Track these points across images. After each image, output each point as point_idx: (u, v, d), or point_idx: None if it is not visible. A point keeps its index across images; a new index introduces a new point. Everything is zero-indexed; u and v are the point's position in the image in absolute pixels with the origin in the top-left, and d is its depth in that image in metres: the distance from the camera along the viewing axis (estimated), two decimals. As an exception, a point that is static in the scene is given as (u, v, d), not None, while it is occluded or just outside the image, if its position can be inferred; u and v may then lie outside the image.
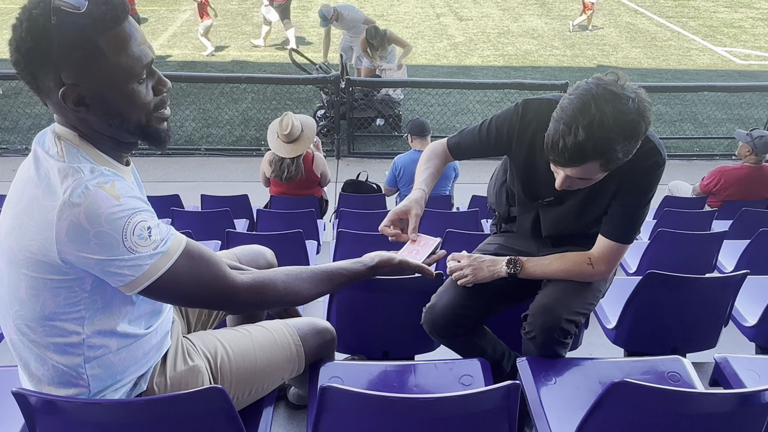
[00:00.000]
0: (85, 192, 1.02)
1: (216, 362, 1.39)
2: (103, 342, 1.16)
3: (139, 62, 1.08)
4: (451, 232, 2.79)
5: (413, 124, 4.46)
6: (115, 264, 1.05)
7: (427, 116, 7.26)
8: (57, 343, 1.13)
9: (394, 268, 1.48)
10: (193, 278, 1.15)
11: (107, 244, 1.02)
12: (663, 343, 1.98)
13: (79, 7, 1.02)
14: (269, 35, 10.38)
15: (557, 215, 1.71)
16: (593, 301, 1.69)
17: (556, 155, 1.37)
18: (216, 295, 1.20)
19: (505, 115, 1.68)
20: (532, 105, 1.62)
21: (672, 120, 7.77)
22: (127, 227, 1.04)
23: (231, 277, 1.22)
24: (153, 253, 1.08)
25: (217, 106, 7.66)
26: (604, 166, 1.38)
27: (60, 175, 1.04)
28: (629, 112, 1.30)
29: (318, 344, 1.56)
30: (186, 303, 1.21)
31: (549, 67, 9.80)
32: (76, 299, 1.10)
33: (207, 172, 6.28)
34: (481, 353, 1.75)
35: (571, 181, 1.45)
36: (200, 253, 1.18)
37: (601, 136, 1.30)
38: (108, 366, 1.18)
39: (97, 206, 1.02)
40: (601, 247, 1.62)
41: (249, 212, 4.13)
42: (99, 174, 1.06)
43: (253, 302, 1.27)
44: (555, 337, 1.58)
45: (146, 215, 1.08)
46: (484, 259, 1.71)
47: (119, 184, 1.07)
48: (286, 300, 1.32)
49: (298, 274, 1.33)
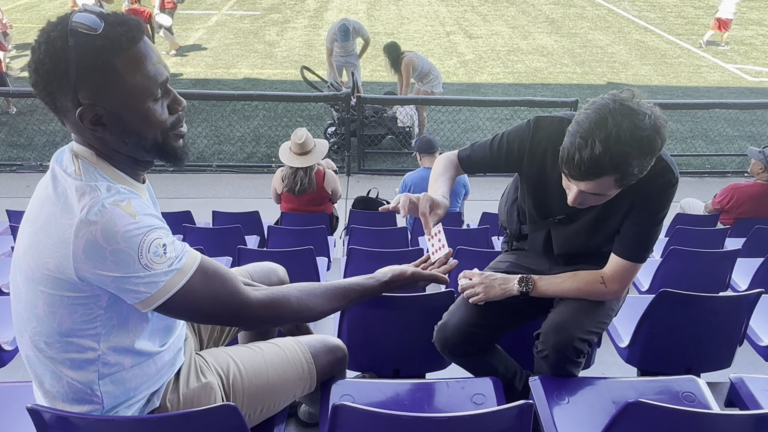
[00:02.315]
0: (101, 210, 1.03)
1: (228, 379, 1.39)
2: (118, 359, 1.17)
3: (155, 81, 1.10)
4: (462, 250, 2.78)
5: (421, 141, 4.50)
6: (131, 281, 1.06)
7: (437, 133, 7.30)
8: (73, 359, 1.14)
9: (408, 280, 1.47)
10: (208, 294, 1.16)
11: (123, 261, 1.04)
12: (677, 363, 1.96)
13: (95, 29, 1.04)
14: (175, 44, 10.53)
15: (569, 233, 1.71)
16: (606, 319, 1.67)
17: (571, 169, 1.37)
18: (231, 311, 1.20)
19: (517, 132, 1.68)
20: (543, 122, 1.63)
21: (683, 137, 7.74)
22: (142, 245, 1.05)
23: (245, 294, 1.22)
24: (168, 270, 1.09)
25: (229, 123, 7.75)
26: (618, 182, 1.37)
27: (77, 194, 1.06)
28: (645, 127, 1.31)
29: (329, 362, 1.55)
30: (201, 319, 1.22)
31: (559, 85, 9.83)
32: (92, 316, 1.11)
33: (218, 189, 6.33)
34: (493, 372, 1.74)
35: (583, 197, 1.45)
36: (215, 269, 1.18)
37: (618, 150, 1.30)
38: (121, 382, 1.19)
39: (113, 224, 1.03)
40: (614, 266, 1.61)
41: (260, 228, 4.15)
42: (115, 192, 1.08)
43: (268, 318, 1.27)
44: (568, 355, 1.56)
45: (161, 232, 1.09)
46: (496, 277, 1.71)
47: (135, 201, 1.09)
48: (300, 316, 1.32)
49: (312, 291, 1.34)
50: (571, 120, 1.50)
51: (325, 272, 3.30)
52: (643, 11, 15.66)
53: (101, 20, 1.06)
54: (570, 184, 1.46)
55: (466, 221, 4.74)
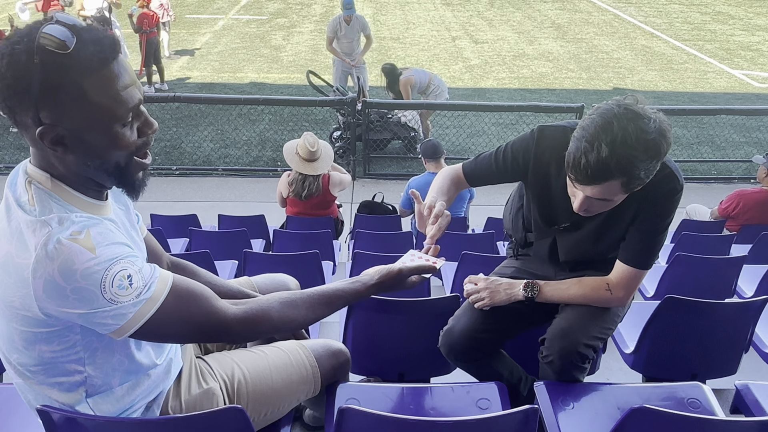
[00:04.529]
0: (57, 248, 0.98)
1: (233, 384, 1.39)
2: (105, 378, 1.15)
3: (125, 105, 1.03)
4: (467, 255, 2.78)
5: (425, 146, 4.49)
6: (97, 315, 1.02)
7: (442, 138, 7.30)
8: (61, 382, 1.13)
9: (396, 278, 1.37)
10: (181, 318, 1.12)
11: (86, 298, 1.00)
12: (682, 369, 1.96)
13: (66, 47, 0.96)
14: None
15: (574, 241, 1.71)
16: (611, 325, 1.68)
17: (578, 173, 1.38)
18: (208, 331, 1.17)
19: (521, 142, 1.68)
20: (547, 132, 1.63)
21: (689, 143, 7.73)
22: (105, 280, 1.00)
23: (222, 312, 1.17)
24: (136, 300, 1.04)
25: (235, 127, 7.77)
26: (625, 186, 1.38)
27: (29, 230, 1.00)
28: (651, 131, 1.32)
29: (332, 366, 1.56)
30: (178, 341, 1.19)
31: (564, 90, 9.83)
32: (70, 343, 1.09)
33: (224, 192, 6.35)
34: (498, 377, 1.74)
35: (589, 203, 1.45)
36: (188, 290, 1.14)
37: (624, 153, 1.31)
38: (113, 398, 1.18)
39: (71, 262, 0.98)
40: (619, 272, 1.61)
41: (266, 232, 4.17)
42: (70, 224, 1.01)
43: (247, 334, 1.24)
44: (573, 361, 1.57)
45: (126, 263, 1.03)
46: (501, 282, 1.71)
47: (95, 230, 1.03)
48: (281, 329, 1.27)
49: (293, 301, 1.27)
50: (575, 128, 1.51)
51: (331, 276, 3.31)
52: (650, 17, 15.64)
53: (73, 36, 0.97)
54: (576, 190, 1.46)
55: (471, 226, 4.75)
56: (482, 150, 7.58)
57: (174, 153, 7.01)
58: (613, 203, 1.46)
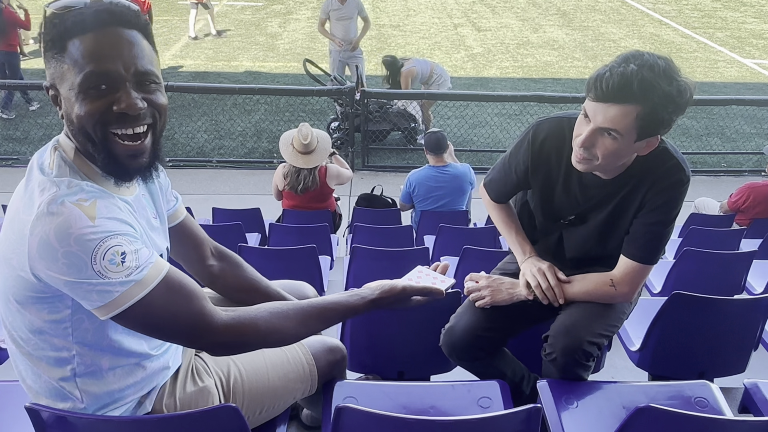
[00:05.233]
0: (58, 208, 1.02)
1: (229, 382, 1.40)
2: (94, 359, 1.16)
3: (97, 68, 1.05)
4: (469, 250, 2.79)
5: (429, 138, 4.45)
6: (82, 287, 1.03)
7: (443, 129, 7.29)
8: (48, 356, 1.14)
9: (398, 296, 1.36)
10: (169, 311, 1.11)
11: (75, 265, 1.01)
12: (689, 367, 1.96)
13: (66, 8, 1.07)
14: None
15: (580, 236, 1.71)
16: (617, 323, 1.68)
17: (597, 88, 1.38)
18: (193, 332, 1.15)
19: (520, 143, 1.68)
20: (543, 125, 1.64)
21: (698, 134, 7.72)
22: (97, 250, 1.02)
23: (210, 315, 1.16)
24: (125, 280, 1.05)
25: (230, 117, 7.76)
26: (639, 121, 1.37)
27: (38, 189, 1.05)
28: (678, 76, 1.37)
29: (329, 362, 1.57)
30: (158, 336, 1.17)
31: (570, 79, 9.80)
32: (60, 316, 1.10)
33: (219, 185, 6.34)
34: (501, 375, 1.75)
35: (594, 138, 1.42)
36: (181, 284, 1.13)
37: (650, 77, 1.34)
38: (102, 382, 1.18)
39: (68, 225, 1.01)
40: (624, 268, 1.61)
41: (261, 226, 4.16)
42: (78, 190, 1.06)
43: (232, 344, 1.20)
44: (577, 359, 1.57)
45: (123, 239, 1.05)
46: (503, 281, 1.72)
47: (102, 202, 1.06)
48: (269, 341, 1.25)
49: (284, 312, 1.24)
50: (572, 119, 1.50)
51: (328, 271, 3.31)
52: (658, 3, 15.59)
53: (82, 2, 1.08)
54: (583, 124, 1.44)
55: (472, 220, 4.75)
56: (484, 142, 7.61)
57: (167, 144, 6.98)
58: (618, 149, 1.42)
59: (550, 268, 1.68)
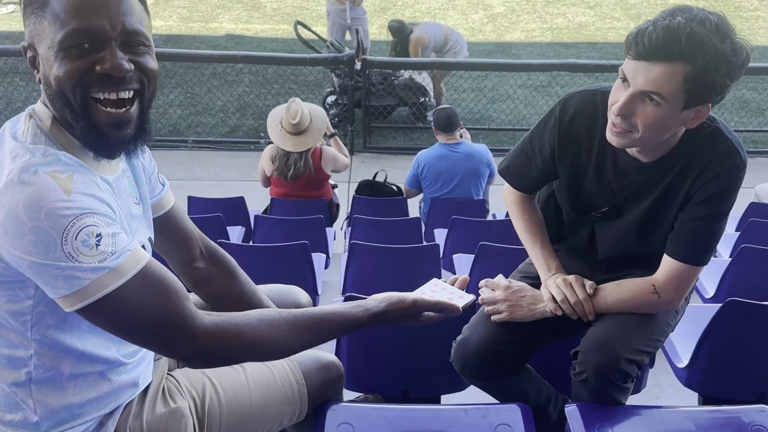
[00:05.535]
0: (31, 178, 1.04)
1: (204, 403, 1.39)
2: (54, 362, 1.17)
3: (78, 24, 1.07)
4: (486, 246, 2.78)
5: (438, 115, 4.46)
6: (48, 270, 1.03)
7: (458, 104, 7.27)
8: (2, 355, 1.16)
9: (408, 310, 1.37)
10: (144, 309, 1.11)
11: (43, 243, 1.02)
12: (746, 388, 1.95)
13: None
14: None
15: (616, 232, 1.70)
16: (660, 336, 1.67)
17: (639, 43, 1.36)
18: (168, 335, 1.15)
19: (544, 121, 1.68)
20: (571, 100, 1.63)
21: (760, 108, 7.66)
22: (70, 228, 1.03)
23: (192, 318, 1.16)
24: (97, 266, 1.05)
25: (208, 89, 7.76)
26: (687, 83, 1.35)
27: (10, 156, 1.08)
28: (733, 36, 1.35)
29: (323, 381, 1.56)
30: (128, 336, 1.16)
31: (608, 44, 9.76)
32: (19, 306, 1.11)
33: (195, 169, 6.36)
34: (522, 397, 1.74)
35: (633, 105, 1.40)
36: (161, 279, 1.14)
37: (700, 32, 1.32)
38: (61, 395, 1.19)
39: (39, 196, 1.02)
40: (668, 270, 1.60)
41: (245, 218, 4.18)
42: (55, 160, 1.08)
43: (213, 353, 1.19)
44: (612, 380, 1.56)
45: (100, 219, 1.07)
46: (525, 294, 1.71)
47: (79, 177, 1.08)
48: (256, 353, 1.26)
49: (275, 321, 1.24)
50: (607, 92, 1.48)
51: (323, 271, 3.31)
52: (712, -46, 15.46)
53: None
54: (620, 90, 1.42)
55: (491, 211, 4.74)
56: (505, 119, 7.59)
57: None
58: (662, 118, 1.41)
59: (577, 279, 1.67)
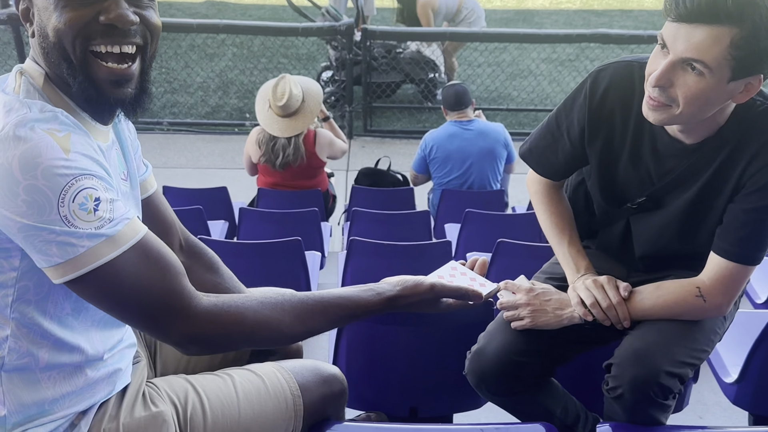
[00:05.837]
0: (27, 133, 1.07)
1: (186, 412, 1.40)
2: (31, 347, 1.19)
3: None
4: (504, 244, 2.78)
5: (447, 92, 4.45)
6: (41, 235, 1.07)
7: (472, 81, 7.27)
8: None
9: (424, 295, 1.41)
10: (141, 283, 1.15)
11: (37, 203, 1.05)
12: (803, 406, 1.96)
13: None
14: None
15: (655, 226, 1.70)
16: (706, 346, 1.66)
17: (679, 3, 1.34)
18: (163, 314, 1.18)
19: (573, 97, 1.68)
20: (604, 72, 1.62)
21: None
22: (68, 189, 1.07)
23: (189, 297, 1.20)
24: (94, 233, 1.09)
25: (186, 64, 7.76)
26: (735, 50, 1.34)
27: (4, 109, 1.11)
28: None
29: (322, 396, 1.57)
30: (119, 314, 1.20)
31: (645, 11, 9.75)
32: (2, 278, 1.15)
33: (171, 155, 6.37)
34: (546, 416, 1.75)
35: (675, 72, 1.40)
36: (159, 253, 1.19)
37: None
38: (33, 388, 1.21)
39: (36, 153, 1.06)
40: (715, 270, 1.60)
41: (229, 211, 4.18)
42: (52, 117, 1.12)
43: (210, 336, 1.23)
44: (651, 396, 1.56)
45: (98, 183, 1.11)
46: (550, 298, 1.71)
47: (77, 137, 1.12)
48: (257, 338, 1.29)
49: (279, 303, 1.28)
50: (644, 63, 1.49)
51: (318, 272, 3.32)
52: None
53: None
54: (659, 57, 1.42)
55: (510, 203, 4.74)
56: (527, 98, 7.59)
57: (102, 100, 7.01)
58: (706, 90, 1.40)
59: (610, 280, 1.67)
